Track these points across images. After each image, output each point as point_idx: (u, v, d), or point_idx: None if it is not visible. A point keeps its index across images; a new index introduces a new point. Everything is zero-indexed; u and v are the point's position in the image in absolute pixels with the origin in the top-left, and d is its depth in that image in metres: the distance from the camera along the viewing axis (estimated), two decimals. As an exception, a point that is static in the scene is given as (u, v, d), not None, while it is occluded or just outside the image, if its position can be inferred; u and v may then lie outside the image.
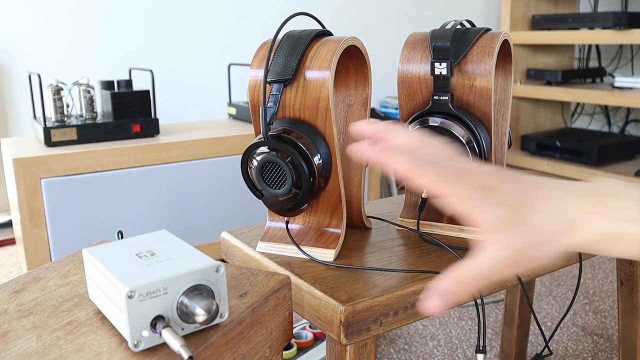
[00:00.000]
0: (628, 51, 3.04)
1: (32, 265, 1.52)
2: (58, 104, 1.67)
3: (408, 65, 0.75)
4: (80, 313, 0.52)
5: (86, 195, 1.57)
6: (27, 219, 1.50)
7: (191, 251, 0.51)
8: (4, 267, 1.87)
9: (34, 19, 2.15)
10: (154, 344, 0.46)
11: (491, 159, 0.74)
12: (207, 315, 0.45)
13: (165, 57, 2.41)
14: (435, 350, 1.35)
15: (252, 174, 0.65)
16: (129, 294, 0.44)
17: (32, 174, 1.49)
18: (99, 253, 0.51)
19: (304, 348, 1.24)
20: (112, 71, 2.32)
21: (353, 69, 0.73)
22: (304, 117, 0.66)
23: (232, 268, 0.61)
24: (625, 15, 2.47)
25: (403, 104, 0.76)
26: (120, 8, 2.29)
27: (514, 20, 2.91)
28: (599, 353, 1.35)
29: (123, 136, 1.71)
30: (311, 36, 0.66)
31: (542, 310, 1.55)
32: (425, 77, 0.73)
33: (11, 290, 0.57)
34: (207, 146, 1.75)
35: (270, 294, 0.56)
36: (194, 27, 2.46)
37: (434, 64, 0.72)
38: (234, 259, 0.76)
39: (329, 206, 0.69)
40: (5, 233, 2.16)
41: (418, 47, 0.75)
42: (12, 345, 0.47)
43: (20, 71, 2.17)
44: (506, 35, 0.75)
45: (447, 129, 0.70)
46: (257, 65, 0.68)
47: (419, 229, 0.76)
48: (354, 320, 0.57)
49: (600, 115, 3.21)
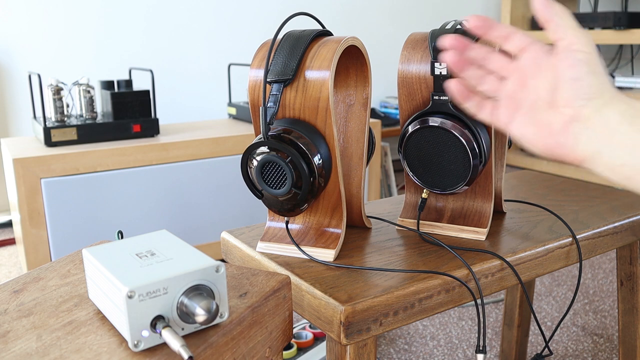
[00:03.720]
0: (628, 51, 3.04)
1: (32, 265, 1.52)
2: (58, 104, 1.67)
3: (408, 65, 0.75)
4: (80, 313, 0.52)
5: (86, 195, 1.57)
6: (27, 219, 1.50)
7: (191, 251, 0.51)
8: (4, 267, 1.87)
9: (34, 19, 2.15)
10: (154, 344, 0.46)
11: (491, 159, 0.74)
12: (207, 315, 0.45)
13: (165, 57, 2.41)
14: (435, 350, 1.35)
15: (252, 174, 0.65)
16: (129, 294, 0.44)
17: (32, 174, 1.49)
18: (99, 253, 0.51)
19: (304, 348, 1.24)
20: (112, 71, 2.32)
21: (353, 69, 0.73)
22: (304, 117, 0.66)
23: (232, 268, 0.61)
24: (625, 15, 2.47)
25: (403, 104, 0.76)
26: (120, 8, 2.29)
27: (514, 20, 2.91)
28: (599, 353, 1.35)
29: (123, 136, 1.71)
30: (311, 36, 0.66)
31: (542, 310, 1.55)
32: (425, 77, 0.73)
33: (11, 290, 0.57)
34: (207, 146, 1.75)
35: (270, 294, 0.56)
36: (194, 27, 2.46)
37: (434, 64, 0.72)
38: (234, 259, 0.76)
39: (329, 206, 0.69)
40: (5, 233, 2.16)
41: (418, 47, 0.75)
42: (12, 345, 0.47)
43: (20, 71, 2.17)
44: None
45: (447, 129, 0.70)
46: (257, 65, 0.68)
47: (419, 229, 0.76)
48: (354, 320, 0.57)
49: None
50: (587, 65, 0.47)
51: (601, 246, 0.80)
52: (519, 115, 0.51)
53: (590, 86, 0.47)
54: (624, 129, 0.46)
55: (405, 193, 0.81)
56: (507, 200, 0.90)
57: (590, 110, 0.47)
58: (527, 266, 0.71)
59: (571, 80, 0.47)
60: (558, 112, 0.49)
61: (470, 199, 0.76)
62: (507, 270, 0.68)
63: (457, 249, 0.70)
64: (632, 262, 0.91)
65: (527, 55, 0.51)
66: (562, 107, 0.48)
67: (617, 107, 0.47)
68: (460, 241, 0.73)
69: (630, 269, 0.91)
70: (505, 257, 0.68)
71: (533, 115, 0.50)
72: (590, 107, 0.47)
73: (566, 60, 0.48)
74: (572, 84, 0.47)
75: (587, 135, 0.47)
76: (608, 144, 0.47)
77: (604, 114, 0.47)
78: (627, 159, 0.46)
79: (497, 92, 0.53)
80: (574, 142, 0.48)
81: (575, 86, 0.47)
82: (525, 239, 0.73)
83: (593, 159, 0.48)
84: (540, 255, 0.72)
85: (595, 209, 0.85)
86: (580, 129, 0.48)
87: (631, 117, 0.46)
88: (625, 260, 0.92)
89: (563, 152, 0.49)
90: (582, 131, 0.48)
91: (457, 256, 0.67)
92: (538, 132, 0.50)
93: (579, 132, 0.48)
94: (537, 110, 0.50)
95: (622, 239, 0.83)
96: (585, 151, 0.48)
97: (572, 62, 0.47)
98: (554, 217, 0.82)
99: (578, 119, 0.48)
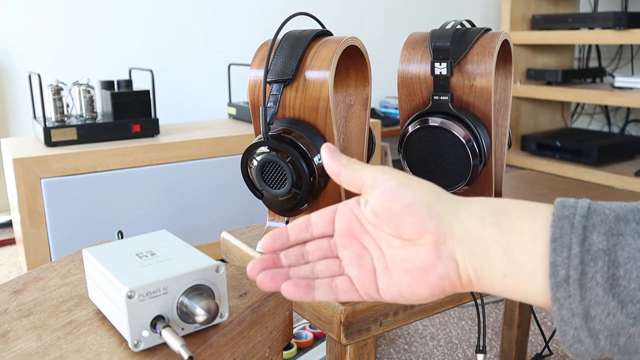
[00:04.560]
0: (628, 51, 3.04)
1: (32, 265, 1.52)
2: (58, 104, 1.67)
3: (408, 65, 0.75)
4: (80, 313, 0.52)
5: (86, 195, 1.57)
6: (27, 219, 1.50)
7: (191, 251, 0.51)
8: (4, 267, 1.87)
9: (34, 19, 2.15)
10: (154, 344, 0.46)
11: (491, 159, 0.74)
12: (207, 315, 0.45)
13: (165, 57, 2.41)
14: (435, 350, 1.35)
15: (252, 174, 0.65)
16: (129, 294, 0.44)
17: (32, 174, 1.49)
18: (99, 253, 0.51)
19: (304, 348, 1.24)
20: (112, 71, 2.32)
21: (353, 69, 0.73)
22: (304, 117, 0.66)
23: (232, 268, 0.61)
24: (625, 15, 2.47)
25: (403, 104, 0.76)
26: (120, 8, 2.29)
27: (514, 20, 2.91)
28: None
29: (123, 136, 1.71)
30: (311, 36, 0.66)
31: (542, 310, 1.55)
32: (425, 77, 0.73)
33: (11, 290, 0.57)
34: (207, 146, 1.75)
35: (270, 294, 0.56)
36: (194, 27, 2.46)
37: (434, 64, 0.72)
38: (234, 259, 0.76)
39: (329, 206, 0.69)
40: (5, 233, 2.16)
41: (418, 47, 0.75)
42: (12, 345, 0.47)
43: (20, 71, 2.17)
44: (506, 35, 0.75)
45: (447, 129, 0.70)
46: (257, 65, 0.68)
47: (419, 229, 0.76)
48: (354, 320, 0.57)
49: (600, 115, 3.21)
50: (406, 188, 0.41)
51: (601, 246, 0.80)
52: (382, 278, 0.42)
53: (426, 202, 0.40)
54: (489, 234, 0.39)
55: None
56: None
57: (446, 225, 0.40)
58: (527, 266, 0.71)
59: (405, 209, 0.40)
60: (420, 246, 0.41)
61: (470, 199, 0.76)
62: (507, 270, 0.68)
63: (457, 249, 0.70)
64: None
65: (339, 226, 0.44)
66: (418, 239, 0.41)
67: (471, 212, 0.40)
68: (460, 241, 0.73)
69: (630, 269, 0.91)
70: (505, 257, 0.68)
71: (397, 266, 0.42)
72: (444, 222, 0.40)
73: (383, 197, 0.41)
74: (408, 211, 0.40)
75: (459, 252, 0.40)
76: (482, 255, 0.39)
77: (462, 223, 0.40)
78: (505, 268, 0.38)
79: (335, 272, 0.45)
80: (453, 265, 0.40)
81: (413, 210, 0.40)
82: (525, 239, 0.73)
83: (478, 278, 0.40)
84: (540, 255, 0.72)
85: (595, 209, 0.85)
86: (451, 248, 0.40)
87: (491, 217, 0.39)
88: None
89: (449, 284, 0.40)
90: (453, 250, 0.40)
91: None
92: (413, 279, 0.41)
93: (451, 252, 0.40)
94: (397, 259, 0.42)
95: (622, 239, 0.82)
96: (467, 269, 0.40)
97: (391, 194, 0.41)
98: (554, 217, 0.82)
99: (441, 240, 0.40)
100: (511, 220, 0.39)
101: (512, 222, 0.39)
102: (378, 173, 0.42)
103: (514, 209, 0.39)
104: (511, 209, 0.39)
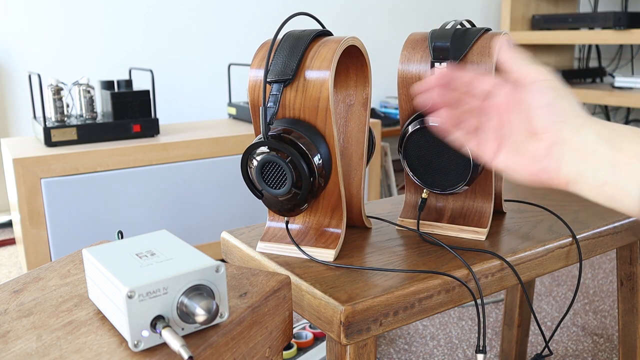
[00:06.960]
0: (628, 51, 3.04)
1: (32, 265, 1.52)
2: (58, 104, 1.67)
3: (408, 65, 0.75)
4: (80, 313, 0.52)
5: (86, 195, 1.57)
6: (27, 219, 1.50)
7: (191, 251, 0.51)
8: (4, 267, 1.87)
9: (34, 19, 2.15)
10: (154, 344, 0.46)
11: (491, 159, 0.74)
12: (207, 315, 0.45)
13: (165, 57, 2.41)
14: (435, 350, 1.35)
15: (252, 174, 0.65)
16: (129, 294, 0.44)
17: (32, 174, 1.49)
18: (99, 253, 0.51)
19: (304, 348, 1.24)
20: (112, 71, 2.32)
21: (353, 69, 0.73)
22: (304, 117, 0.66)
23: (232, 268, 0.61)
24: (625, 15, 2.47)
25: (403, 104, 0.76)
26: (121, 8, 2.29)
27: (514, 20, 2.91)
28: (599, 353, 1.35)
29: (123, 136, 1.71)
30: (311, 36, 0.66)
31: (542, 310, 1.55)
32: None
33: (11, 290, 0.57)
34: (207, 146, 1.75)
35: (270, 294, 0.56)
36: (194, 27, 2.46)
37: (434, 64, 0.72)
38: (234, 259, 0.76)
39: (329, 206, 0.69)
40: (5, 233, 2.16)
41: (418, 47, 0.75)
42: (12, 345, 0.47)
43: (20, 71, 2.17)
44: (506, 35, 0.75)
45: (447, 129, 0.70)
46: (257, 65, 0.68)
47: (419, 229, 0.76)
48: (354, 320, 0.57)
49: (600, 115, 3.21)
50: (555, 91, 0.49)
51: (601, 246, 0.80)
52: (503, 149, 0.53)
53: (562, 108, 0.49)
54: (602, 149, 0.47)
55: (405, 193, 0.81)
56: (507, 200, 0.90)
57: (568, 132, 0.49)
58: (527, 266, 0.71)
59: (543, 107, 0.49)
60: (538, 140, 0.50)
61: (470, 199, 0.76)
62: (507, 270, 0.68)
63: (457, 249, 0.70)
64: (632, 262, 0.91)
65: (498, 94, 0.53)
66: (541, 134, 0.50)
67: (593, 128, 0.48)
68: (460, 241, 0.73)
69: (630, 269, 0.92)
70: (505, 257, 0.68)
71: (516, 147, 0.52)
72: (567, 129, 0.49)
73: (534, 90, 0.50)
74: (545, 110, 0.49)
75: (568, 157, 0.49)
76: (588, 164, 0.48)
77: (582, 135, 0.48)
78: (607, 178, 0.47)
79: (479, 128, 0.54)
80: (557, 165, 0.49)
81: (549, 111, 0.49)
82: (525, 239, 0.73)
83: (576, 181, 0.49)
84: (540, 255, 0.72)
85: (595, 209, 0.85)
86: (562, 152, 0.49)
87: (608, 136, 0.48)
88: (625, 260, 0.92)
89: (548, 177, 0.50)
90: (563, 154, 0.49)
91: (457, 256, 0.67)
92: (522, 162, 0.51)
93: (560, 155, 0.49)
94: (519, 142, 0.52)
95: (622, 239, 0.83)
96: (569, 173, 0.49)
97: (540, 91, 0.50)
98: (554, 217, 0.82)
99: (558, 142, 0.49)
100: (623, 141, 0.47)
101: (623, 143, 0.47)
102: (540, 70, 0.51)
103: (628, 134, 0.48)
104: (626, 133, 0.48)
